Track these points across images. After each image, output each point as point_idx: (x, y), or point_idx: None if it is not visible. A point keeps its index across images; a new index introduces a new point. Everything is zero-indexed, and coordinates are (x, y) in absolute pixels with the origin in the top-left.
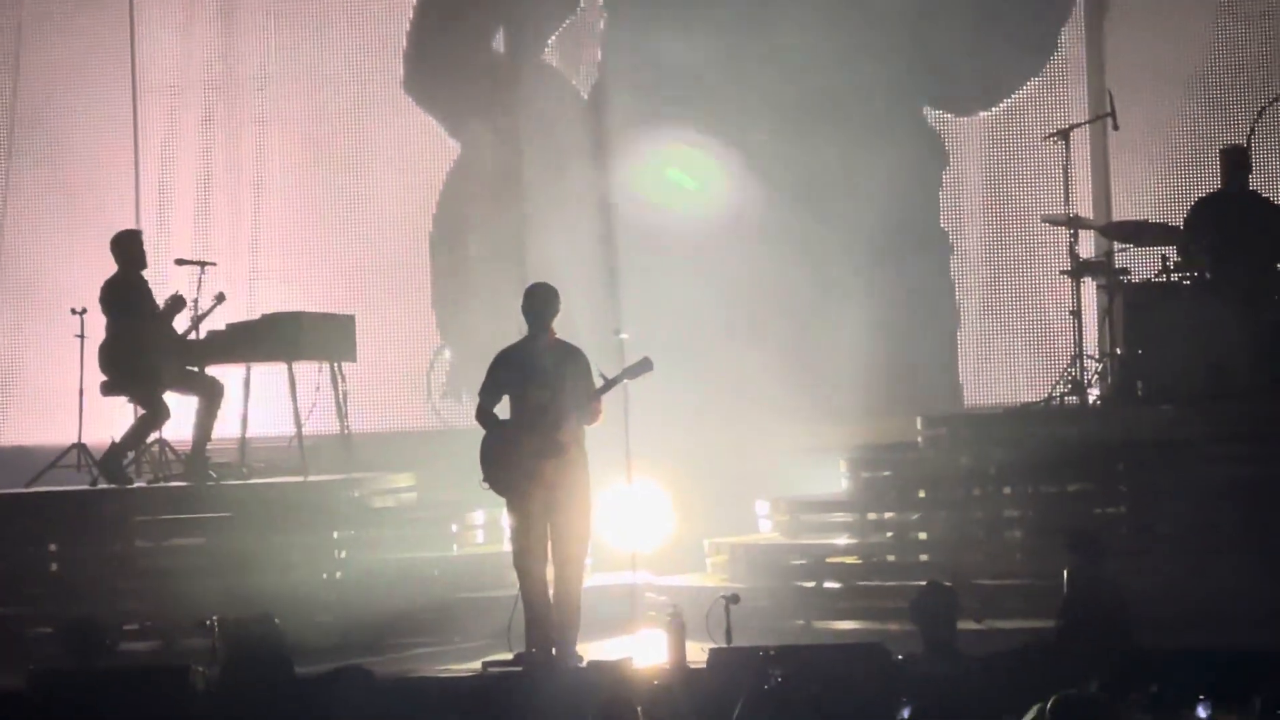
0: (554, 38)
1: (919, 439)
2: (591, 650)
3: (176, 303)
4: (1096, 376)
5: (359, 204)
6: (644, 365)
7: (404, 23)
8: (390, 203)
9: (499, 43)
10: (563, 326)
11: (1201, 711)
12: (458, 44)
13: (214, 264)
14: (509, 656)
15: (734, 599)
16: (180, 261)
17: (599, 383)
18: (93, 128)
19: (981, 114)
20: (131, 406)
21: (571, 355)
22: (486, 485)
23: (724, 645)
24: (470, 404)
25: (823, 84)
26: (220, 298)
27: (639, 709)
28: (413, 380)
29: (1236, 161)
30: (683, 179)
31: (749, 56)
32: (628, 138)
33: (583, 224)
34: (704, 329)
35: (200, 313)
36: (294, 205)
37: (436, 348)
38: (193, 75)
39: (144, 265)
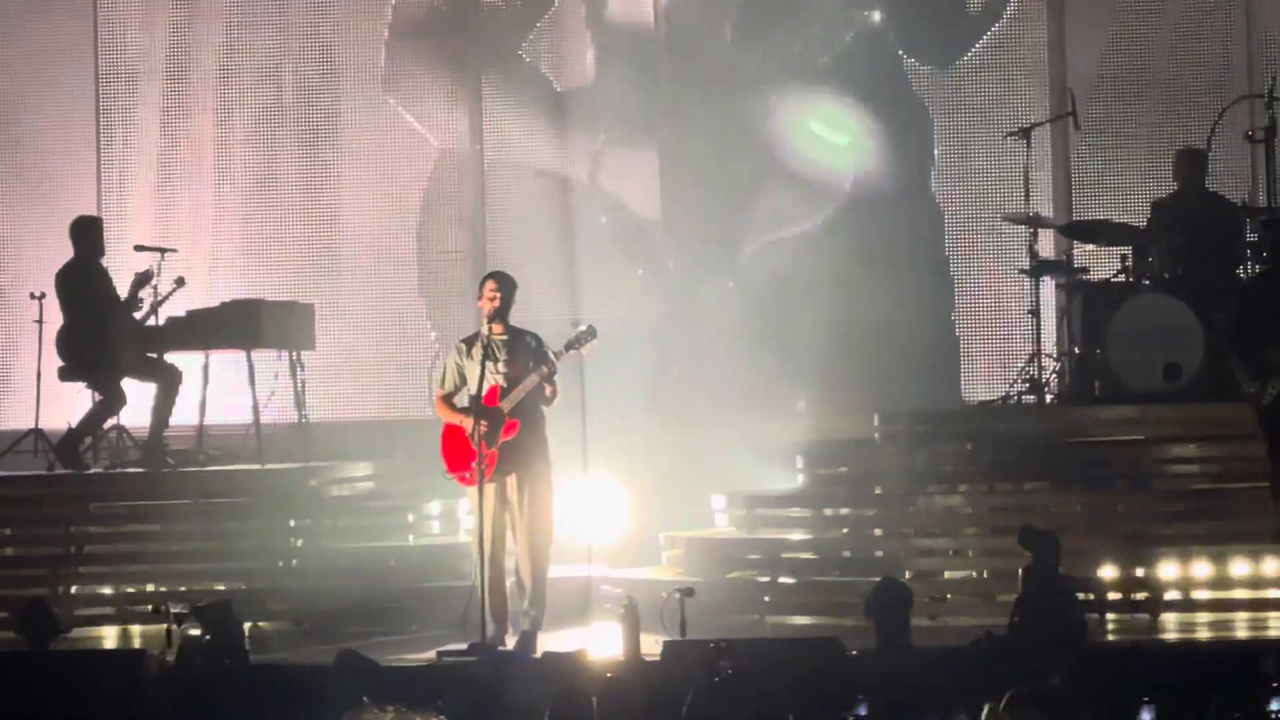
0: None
1: (875, 435)
2: (547, 641)
3: (144, 277)
4: (1054, 375)
5: (319, 193)
6: (589, 334)
7: (367, 10)
8: (351, 192)
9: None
10: (523, 316)
11: (1145, 715)
12: (431, 46)
13: (174, 250)
14: (463, 646)
15: (688, 592)
16: (140, 248)
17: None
18: (54, 113)
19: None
20: (89, 392)
21: (525, 339)
22: (451, 476)
23: (678, 638)
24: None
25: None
26: (180, 282)
27: (593, 699)
28: (372, 370)
29: (1192, 163)
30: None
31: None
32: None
33: (543, 215)
34: (663, 322)
35: (159, 298)
36: (255, 193)
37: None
38: (155, 62)
39: (102, 252)
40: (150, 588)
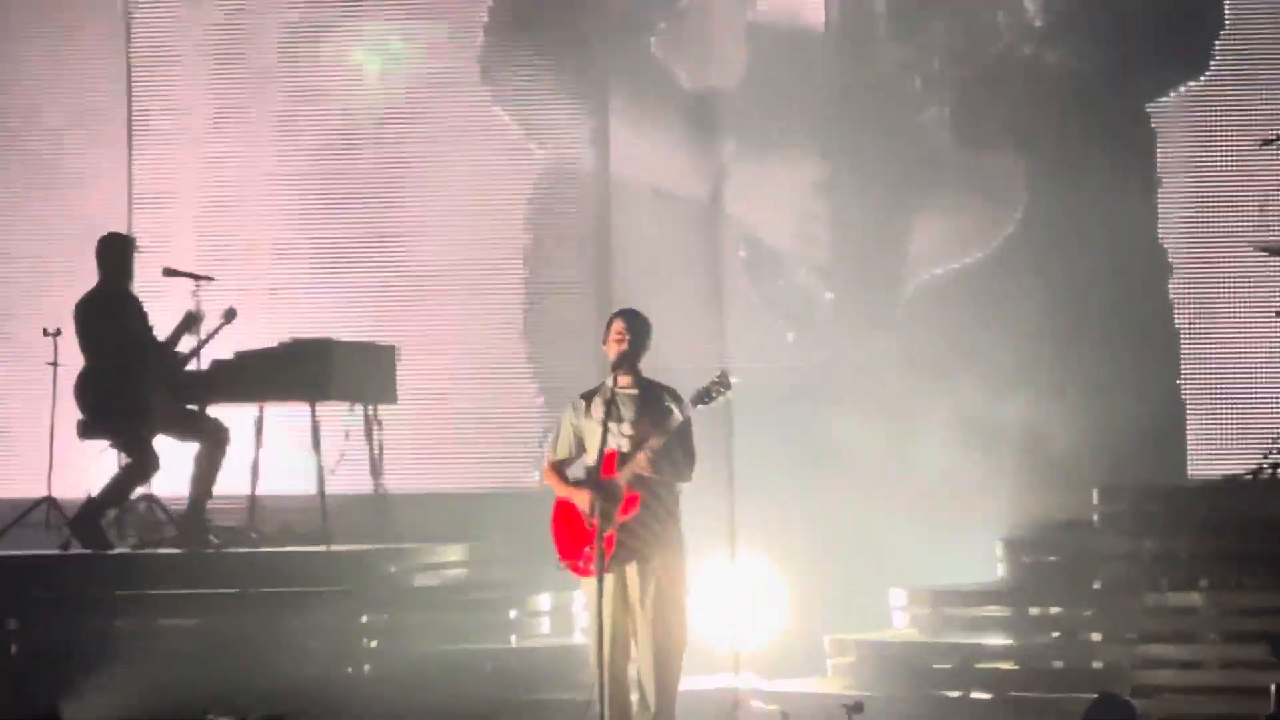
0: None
1: (1094, 516)
2: None
3: (192, 318)
4: None
5: (402, 210)
6: (722, 384)
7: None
8: (441, 210)
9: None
10: (654, 366)
11: None
12: (540, 33)
13: (210, 279)
14: None
15: (858, 708)
16: (169, 272)
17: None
18: (78, 113)
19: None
20: (114, 453)
21: (659, 397)
22: (564, 565)
23: None
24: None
25: None
26: (230, 315)
27: None
28: (467, 429)
29: None
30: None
31: None
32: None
33: (685, 244)
34: (824, 373)
35: (204, 337)
36: (323, 209)
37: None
38: (197, 42)
39: (130, 277)
40: (187, 696)
